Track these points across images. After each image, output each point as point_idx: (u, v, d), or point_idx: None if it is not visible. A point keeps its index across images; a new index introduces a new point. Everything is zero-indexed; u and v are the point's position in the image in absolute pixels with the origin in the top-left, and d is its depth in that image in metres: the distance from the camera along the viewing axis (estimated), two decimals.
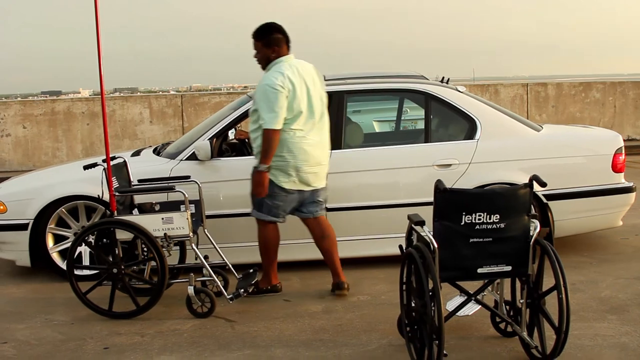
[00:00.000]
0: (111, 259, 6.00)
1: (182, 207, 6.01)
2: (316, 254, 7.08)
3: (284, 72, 6.11)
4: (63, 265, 7.00)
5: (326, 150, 6.43)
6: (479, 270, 4.62)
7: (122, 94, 22.10)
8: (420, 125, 8.20)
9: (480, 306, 5.09)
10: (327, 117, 6.44)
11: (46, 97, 26.07)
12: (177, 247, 6.58)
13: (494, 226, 4.53)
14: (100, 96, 6.25)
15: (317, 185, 6.37)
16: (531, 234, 4.63)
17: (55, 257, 7.16)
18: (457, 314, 5.01)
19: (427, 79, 8.95)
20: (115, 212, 6.04)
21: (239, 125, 7.66)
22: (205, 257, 6.16)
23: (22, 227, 7.08)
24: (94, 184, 6.44)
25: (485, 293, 5.06)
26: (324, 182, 6.44)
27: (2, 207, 7.17)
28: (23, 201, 7.13)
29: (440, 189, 4.51)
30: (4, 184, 7.77)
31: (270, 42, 6.24)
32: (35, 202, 7.07)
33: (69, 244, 6.82)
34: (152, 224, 5.94)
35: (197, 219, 6.34)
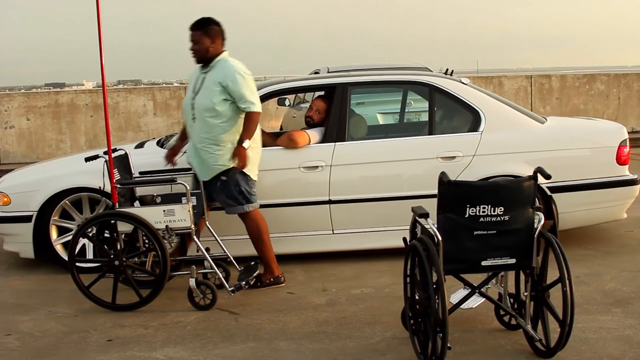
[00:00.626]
0: (113, 251, 6.00)
1: (184, 199, 6.00)
2: (320, 247, 7.10)
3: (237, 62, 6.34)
4: (67, 257, 6.99)
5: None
6: (483, 263, 4.60)
7: (125, 86, 22.11)
8: (424, 117, 8.19)
9: (484, 299, 5.07)
10: None
11: (50, 89, 26.10)
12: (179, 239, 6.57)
13: (498, 219, 4.51)
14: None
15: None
16: (535, 226, 4.62)
17: (59, 249, 7.16)
18: (461, 306, 5.00)
19: (431, 71, 8.93)
20: (117, 204, 6.03)
21: None
22: (207, 250, 6.16)
23: (26, 219, 7.08)
24: (98, 176, 6.44)
25: (489, 286, 5.06)
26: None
27: (6, 199, 7.16)
28: (27, 193, 7.13)
29: (444, 181, 4.50)
30: (8, 176, 7.76)
31: (209, 31, 6.33)
32: (39, 194, 7.06)
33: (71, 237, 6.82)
34: (154, 216, 5.93)
35: (199, 211, 6.33)
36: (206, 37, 6.30)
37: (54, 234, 7.14)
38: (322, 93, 8.03)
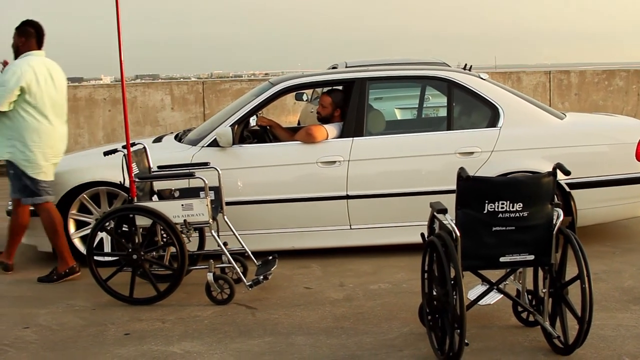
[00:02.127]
0: (131, 245, 6.01)
1: (202, 194, 6.01)
2: (338, 242, 7.09)
3: (30, 63, 6.73)
4: (85, 251, 7.01)
5: (64, 144, 7.12)
6: (502, 259, 4.59)
7: (143, 81, 22.18)
8: (443, 112, 8.16)
9: (502, 295, 5.07)
10: (66, 113, 7.23)
11: (68, 83, 26.23)
12: (197, 234, 6.57)
13: (517, 215, 4.49)
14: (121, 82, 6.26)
15: (53, 176, 6.91)
16: (554, 222, 4.59)
17: (77, 243, 7.19)
18: (479, 303, 4.99)
19: (449, 66, 8.88)
20: (135, 198, 6.04)
21: (260, 112, 7.65)
22: (225, 244, 6.16)
23: None
24: (116, 170, 6.45)
25: (507, 282, 5.04)
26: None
27: None
28: None
29: (463, 177, 4.49)
30: None
31: (22, 32, 6.88)
32: (57, 188, 7.07)
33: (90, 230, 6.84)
34: (172, 210, 5.94)
35: (217, 206, 6.34)
36: (18, 36, 6.87)
37: (71, 227, 7.17)
38: (328, 89, 8.02)
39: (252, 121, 7.77)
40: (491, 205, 4.47)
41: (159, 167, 6.65)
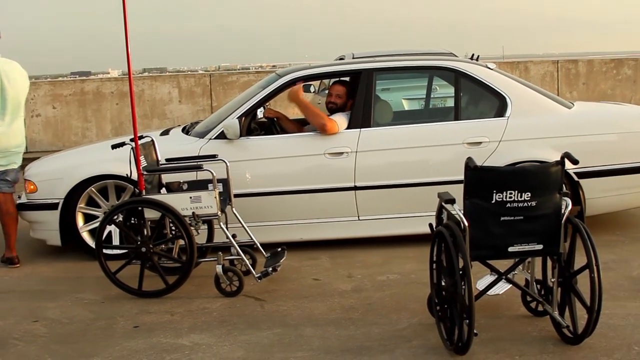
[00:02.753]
0: (140, 238, 6.02)
1: (210, 186, 6.01)
2: (346, 233, 7.10)
3: None
4: (93, 244, 7.02)
5: (18, 138, 7.15)
6: (510, 249, 4.57)
7: (150, 74, 22.17)
8: (450, 103, 8.14)
9: (510, 285, 5.05)
10: (23, 110, 7.23)
11: (75, 77, 26.20)
12: (205, 226, 6.58)
13: (525, 204, 4.48)
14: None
15: (7, 167, 7.12)
16: (563, 212, 4.58)
17: (86, 236, 7.19)
18: (488, 293, 4.99)
19: (457, 56, 8.87)
20: (144, 191, 6.05)
21: (267, 103, 7.65)
22: (233, 236, 6.17)
23: (52, 206, 7.12)
24: (124, 164, 6.45)
25: (516, 272, 5.04)
26: (16, 165, 7.21)
27: (32, 187, 7.21)
28: (53, 181, 7.17)
29: (471, 167, 4.47)
30: (34, 163, 7.80)
31: None
32: (65, 182, 7.09)
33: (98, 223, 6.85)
34: (181, 202, 5.94)
35: (225, 198, 6.34)
36: None
37: (80, 221, 7.18)
38: (339, 79, 8.00)
39: (260, 113, 7.77)
40: (499, 195, 4.46)
41: (167, 159, 6.65)
